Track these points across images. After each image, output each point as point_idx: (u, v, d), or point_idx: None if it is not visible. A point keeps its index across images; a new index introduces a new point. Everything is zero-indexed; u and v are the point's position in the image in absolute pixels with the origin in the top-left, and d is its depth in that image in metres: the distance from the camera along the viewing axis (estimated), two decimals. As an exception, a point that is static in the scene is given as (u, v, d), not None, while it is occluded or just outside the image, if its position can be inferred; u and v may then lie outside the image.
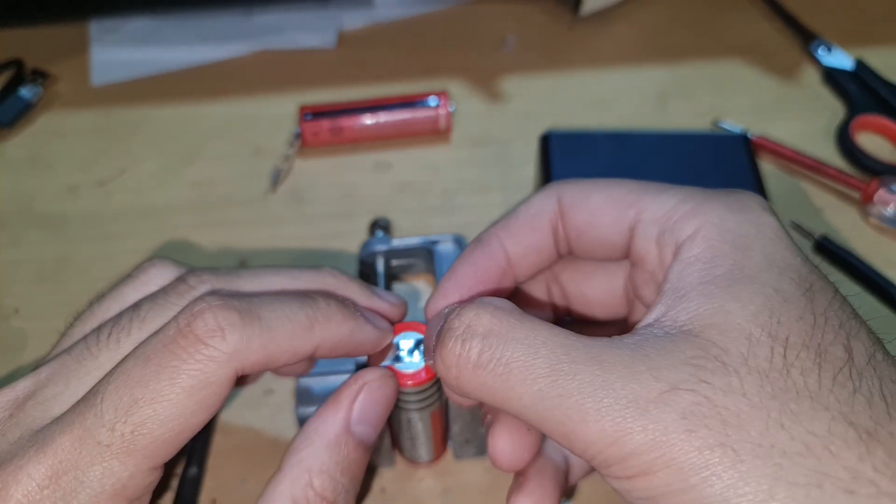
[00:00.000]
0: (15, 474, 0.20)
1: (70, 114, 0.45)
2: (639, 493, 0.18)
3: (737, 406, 0.18)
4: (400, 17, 0.50)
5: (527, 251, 0.25)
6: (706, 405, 0.18)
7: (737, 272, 0.20)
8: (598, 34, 0.49)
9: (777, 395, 0.18)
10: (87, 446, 0.21)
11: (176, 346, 0.21)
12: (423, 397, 0.26)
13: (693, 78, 0.46)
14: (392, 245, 0.35)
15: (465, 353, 0.20)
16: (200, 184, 0.41)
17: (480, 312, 0.20)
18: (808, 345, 0.18)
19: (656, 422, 0.18)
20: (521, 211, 0.25)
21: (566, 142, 0.38)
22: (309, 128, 0.41)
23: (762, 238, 0.21)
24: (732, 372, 0.18)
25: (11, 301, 0.37)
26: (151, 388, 0.21)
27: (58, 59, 0.47)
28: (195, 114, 0.44)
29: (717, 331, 0.19)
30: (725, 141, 0.38)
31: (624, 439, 0.18)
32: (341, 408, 0.24)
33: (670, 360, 0.18)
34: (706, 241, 0.21)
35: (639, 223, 0.23)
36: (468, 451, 0.31)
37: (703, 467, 0.17)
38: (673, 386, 0.18)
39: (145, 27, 0.49)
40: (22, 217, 0.40)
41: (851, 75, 0.45)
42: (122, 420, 0.21)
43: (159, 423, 0.21)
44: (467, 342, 0.20)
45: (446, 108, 0.42)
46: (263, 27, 0.49)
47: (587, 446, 0.19)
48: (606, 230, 0.24)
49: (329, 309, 0.23)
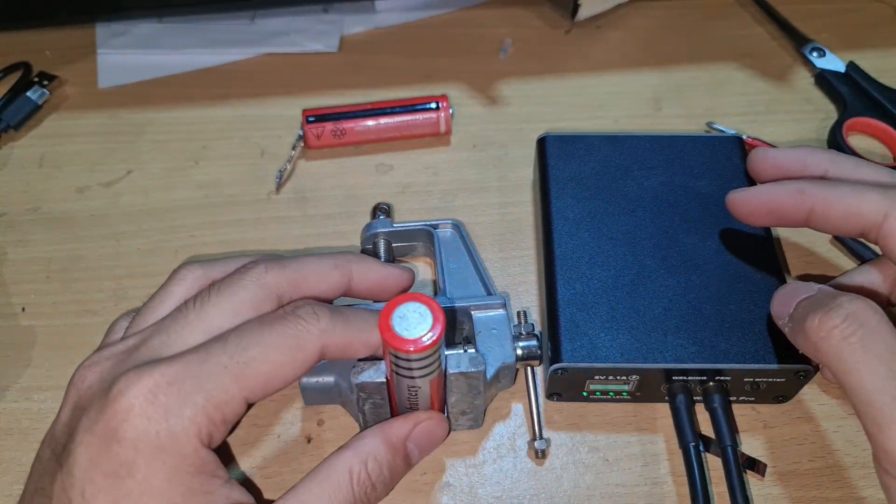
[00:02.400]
0: (149, 370, 0.25)
1: (77, 116, 0.45)
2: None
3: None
4: (400, 23, 0.50)
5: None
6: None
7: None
8: (593, 39, 0.50)
9: None
10: (209, 364, 0.26)
11: (284, 319, 0.27)
12: (425, 364, 0.26)
13: (687, 81, 0.47)
14: (393, 227, 0.36)
15: (843, 327, 0.25)
16: (206, 185, 0.42)
17: (866, 308, 0.26)
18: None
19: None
20: (855, 277, 0.32)
21: (563, 144, 0.38)
22: (312, 130, 0.42)
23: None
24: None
25: (20, 300, 0.37)
26: (266, 338, 0.27)
27: (65, 62, 0.48)
28: (201, 116, 0.45)
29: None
30: (719, 142, 0.39)
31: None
32: (409, 424, 0.29)
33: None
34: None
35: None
36: (463, 423, 0.32)
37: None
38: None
39: (151, 31, 0.49)
40: (30, 217, 0.41)
41: (843, 78, 0.46)
42: (241, 353, 0.26)
43: (264, 361, 0.26)
44: (847, 322, 0.26)
45: (446, 112, 0.43)
46: (267, 32, 0.49)
47: (891, 442, 0.24)
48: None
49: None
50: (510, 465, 0.32)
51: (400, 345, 0.25)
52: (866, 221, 0.29)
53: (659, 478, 0.31)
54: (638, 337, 0.31)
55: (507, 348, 0.32)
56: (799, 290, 0.29)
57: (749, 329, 0.31)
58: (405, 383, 0.28)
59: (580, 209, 0.36)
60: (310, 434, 0.33)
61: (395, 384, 0.28)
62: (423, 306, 0.26)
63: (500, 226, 0.40)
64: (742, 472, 0.30)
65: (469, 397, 0.30)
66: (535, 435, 0.32)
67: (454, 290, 0.34)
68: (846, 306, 0.26)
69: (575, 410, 0.33)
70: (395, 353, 0.26)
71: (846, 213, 0.29)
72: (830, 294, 0.27)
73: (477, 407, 0.31)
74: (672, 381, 0.31)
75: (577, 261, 0.34)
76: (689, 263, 0.33)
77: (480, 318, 0.32)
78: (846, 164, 0.32)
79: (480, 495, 0.31)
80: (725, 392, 0.31)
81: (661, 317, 0.32)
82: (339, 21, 0.50)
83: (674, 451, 0.32)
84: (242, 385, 0.26)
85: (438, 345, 0.26)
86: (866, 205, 0.29)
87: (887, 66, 0.46)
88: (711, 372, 0.31)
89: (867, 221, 0.29)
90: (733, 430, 0.31)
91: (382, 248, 0.37)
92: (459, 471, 0.32)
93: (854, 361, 0.25)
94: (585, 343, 0.31)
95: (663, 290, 0.33)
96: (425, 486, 0.31)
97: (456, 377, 0.29)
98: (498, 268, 0.38)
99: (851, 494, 0.31)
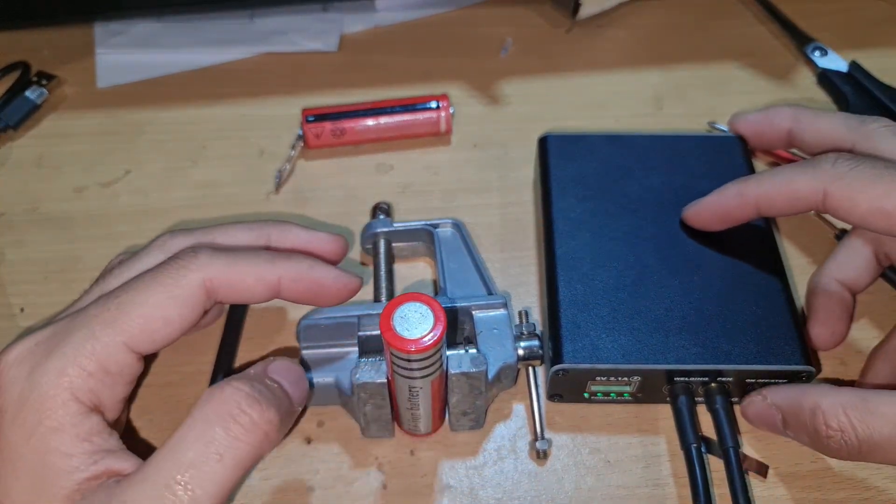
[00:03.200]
0: (24, 338, 0.26)
1: (76, 115, 0.45)
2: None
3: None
4: (400, 22, 0.50)
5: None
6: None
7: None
8: (594, 38, 0.49)
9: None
10: (80, 317, 0.26)
11: (162, 264, 0.27)
12: (426, 364, 0.26)
13: (689, 81, 0.47)
14: (393, 227, 0.36)
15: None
16: (205, 185, 0.42)
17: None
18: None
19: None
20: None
21: (563, 144, 0.38)
22: (311, 130, 0.42)
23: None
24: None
25: (18, 300, 0.37)
26: (138, 284, 0.27)
27: (63, 61, 0.48)
28: (199, 116, 0.45)
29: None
30: (721, 142, 0.38)
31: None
32: (259, 365, 0.28)
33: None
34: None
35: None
36: (465, 424, 0.32)
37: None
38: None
39: (150, 30, 0.49)
40: (28, 217, 0.41)
41: (846, 77, 0.45)
42: (112, 302, 0.26)
43: (138, 304, 0.26)
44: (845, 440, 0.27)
45: (446, 111, 0.42)
46: (266, 31, 0.49)
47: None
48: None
49: (289, 252, 0.30)
50: (511, 466, 0.32)
51: (401, 345, 0.25)
52: (809, 202, 0.30)
53: (660, 479, 0.31)
54: (639, 338, 0.31)
55: (508, 348, 0.31)
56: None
57: (751, 330, 0.31)
58: (406, 383, 0.28)
59: (581, 209, 0.35)
60: (309, 435, 0.32)
61: (396, 384, 0.28)
62: (424, 306, 0.26)
63: (501, 226, 0.40)
64: (744, 474, 0.30)
65: (470, 398, 0.30)
66: (537, 436, 0.32)
67: (455, 289, 0.34)
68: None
69: (576, 411, 0.33)
70: (395, 353, 0.26)
71: (788, 199, 0.31)
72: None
73: (478, 407, 0.31)
74: (674, 382, 0.31)
75: (579, 261, 0.33)
76: (691, 264, 0.33)
77: (481, 318, 0.32)
78: (805, 119, 0.35)
79: (481, 497, 0.31)
80: (727, 393, 0.31)
81: (663, 317, 0.31)
82: (339, 20, 0.50)
83: (675, 453, 0.31)
84: (117, 329, 0.25)
85: (439, 345, 0.26)
86: (801, 189, 0.30)
87: (890, 65, 0.46)
88: (713, 373, 0.31)
89: (810, 202, 0.30)
90: (735, 432, 0.31)
91: (382, 247, 0.36)
92: (460, 472, 0.31)
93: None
94: (587, 344, 0.31)
95: (665, 291, 0.32)
96: (425, 489, 0.31)
97: (457, 377, 0.29)
98: (498, 268, 0.38)
99: (853, 496, 0.30)
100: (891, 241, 0.33)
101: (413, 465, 0.31)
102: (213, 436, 0.23)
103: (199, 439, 0.23)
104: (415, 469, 0.31)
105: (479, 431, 0.32)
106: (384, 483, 0.31)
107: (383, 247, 0.36)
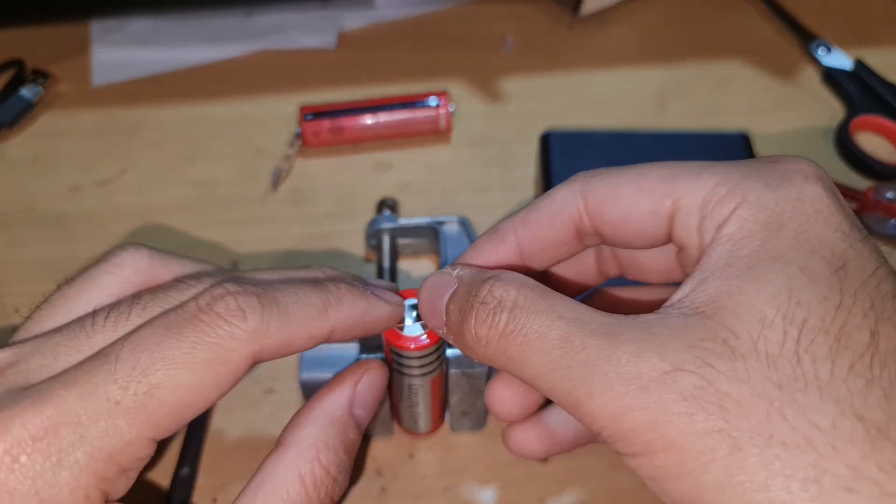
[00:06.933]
0: (5, 423, 0.19)
1: (71, 114, 0.45)
2: (644, 473, 0.18)
3: (739, 392, 0.17)
4: (400, 18, 0.50)
5: (543, 247, 0.24)
6: (708, 389, 0.17)
7: (762, 253, 0.19)
8: (597, 34, 0.49)
9: (783, 383, 0.17)
10: (94, 401, 0.19)
11: (197, 321, 0.20)
12: (425, 362, 0.26)
13: (692, 78, 0.46)
14: (398, 223, 0.36)
15: (496, 324, 0.20)
16: (201, 183, 0.41)
17: (508, 288, 0.21)
18: (827, 328, 0.17)
19: (657, 402, 0.17)
20: (542, 206, 0.24)
21: (566, 141, 0.38)
22: (309, 128, 0.42)
23: (799, 214, 0.19)
24: (739, 357, 0.17)
25: (12, 300, 0.37)
26: (172, 353, 0.20)
27: (59, 59, 0.47)
28: (196, 114, 0.45)
29: (730, 313, 0.18)
30: (724, 140, 0.38)
31: (626, 416, 0.18)
32: (346, 389, 0.25)
33: (679, 341, 0.18)
34: (739, 221, 0.20)
35: (678, 212, 0.21)
36: (465, 424, 0.32)
37: (701, 452, 0.17)
38: (676, 367, 0.18)
39: (146, 27, 0.49)
40: (23, 217, 0.40)
41: (851, 75, 0.45)
42: (138, 380, 0.20)
43: (173, 388, 0.20)
44: (497, 314, 0.20)
45: (446, 109, 0.42)
46: (264, 27, 0.49)
47: (593, 420, 0.19)
48: (643, 223, 0.22)
49: (340, 291, 0.23)
50: (512, 467, 0.31)
51: (401, 342, 0.25)
52: (571, 214, 0.23)
53: (664, 483, 0.31)
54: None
55: None
56: (439, 289, 0.23)
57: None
58: (405, 382, 0.27)
59: (583, 208, 0.35)
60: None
61: (396, 383, 0.28)
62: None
63: (502, 225, 0.39)
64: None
65: (471, 397, 0.30)
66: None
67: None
68: (492, 297, 0.21)
69: (578, 414, 0.33)
70: (395, 350, 0.25)
71: (549, 216, 0.24)
72: (472, 284, 0.21)
73: (479, 407, 0.31)
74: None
75: (581, 261, 0.33)
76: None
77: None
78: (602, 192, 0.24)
79: (481, 499, 0.30)
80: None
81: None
82: (338, 16, 0.49)
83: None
84: (144, 423, 0.20)
85: (439, 343, 0.26)
86: (558, 196, 0.23)
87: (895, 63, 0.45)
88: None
89: (572, 213, 0.23)
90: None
91: (387, 244, 0.36)
92: (460, 473, 0.31)
93: (521, 354, 0.20)
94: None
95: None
96: (425, 491, 0.31)
97: (458, 377, 0.29)
98: (499, 268, 0.37)
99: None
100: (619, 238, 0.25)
101: (413, 468, 0.31)
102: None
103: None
104: (414, 472, 0.31)
105: (479, 432, 0.32)
106: (383, 486, 0.31)
107: (388, 243, 0.36)
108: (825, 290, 0.18)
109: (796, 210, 0.20)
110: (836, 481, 0.16)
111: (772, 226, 0.19)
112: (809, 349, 0.17)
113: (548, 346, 0.19)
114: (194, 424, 0.32)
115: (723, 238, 0.20)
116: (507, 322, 0.20)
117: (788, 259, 0.19)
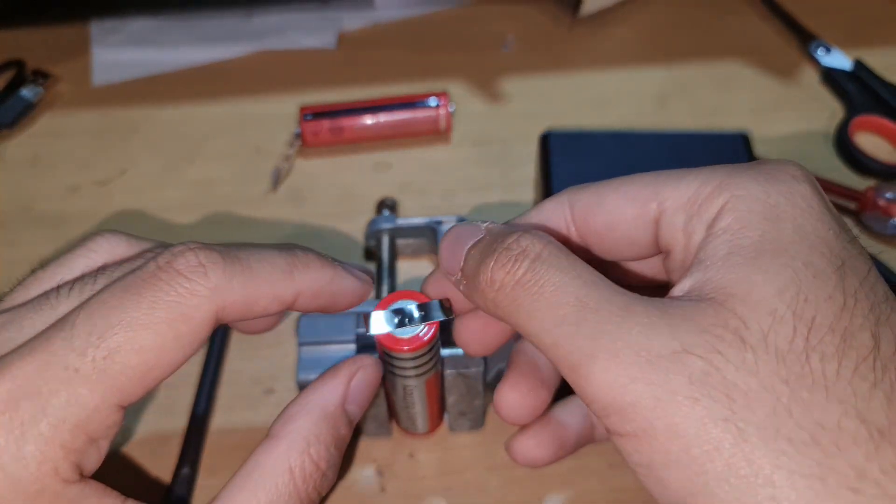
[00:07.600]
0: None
1: (71, 114, 0.45)
2: (638, 458, 0.18)
3: (746, 384, 0.17)
4: (400, 18, 0.50)
5: None
6: (715, 376, 0.17)
7: (765, 243, 0.19)
8: (597, 35, 0.49)
9: (791, 379, 0.17)
10: (52, 371, 0.19)
11: (157, 279, 0.20)
12: (420, 363, 0.26)
13: (692, 78, 0.46)
14: (397, 223, 0.36)
15: (514, 270, 0.20)
16: (201, 183, 0.41)
17: (535, 241, 0.21)
18: (834, 328, 0.17)
19: (664, 379, 0.17)
20: (531, 217, 0.24)
21: (566, 141, 0.38)
22: (309, 128, 0.42)
23: (793, 207, 0.19)
24: (749, 348, 0.17)
25: (12, 300, 0.37)
26: (130, 314, 0.20)
27: (59, 59, 0.47)
28: (196, 114, 0.45)
29: (740, 302, 0.18)
30: (724, 140, 0.38)
31: (627, 387, 0.17)
32: (340, 384, 0.24)
33: (690, 324, 0.18)
34: (733, 212, 0.20)
35: (663, 214, 0.21)
36: (463, 424, 0.31)
37: (706, 441, 0.17)
38: (686, 349, 0.17)
39: (146, 28, 0.49)
40: (22, 217, 0.40)
41: (850, 76, 0.45)
42: (96, 345, 0.19)
43: (135, 351, 0.19)
44: (519, 262, 0.20)
45: (446, 109, 0.42)
46: (264, 28, 0.49)
47: (590, 384, 0.18)
48: (629, 230, 0.22)
49: (307, 257, 0.23)
50: (512, 468, 0.31)
51: (394, 344, 0.25)
52: (559, 221, 0.24)
53: (664, 483, 0.30)
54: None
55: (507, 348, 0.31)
56: (464, 236, 0.22)
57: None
58: (400, 383, 0.27)
59: (583, 208, 0.35)
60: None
61: (390, 384, 0.28)
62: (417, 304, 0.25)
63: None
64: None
65: (468, 398, 0.30)
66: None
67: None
68: (517, 245, 0.20)
69: (578, 414, 0.32)
70: (388, 352, 0.25)
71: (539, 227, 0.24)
72: (500, 234, 0.21)
73: (477, 408, 0.31)
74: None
75: (581, 260, 0.33)
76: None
77: (481, 319, 0.32)
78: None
79: (481, 499, 0.30)
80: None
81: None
82: (338, 17, 0.49)
83: (680, 456, 0.31)
84: (108, 389, 0.19)
85: (433, 343, 0.25)
86: (546, 207, 0.24)
87: (895, 63, 0.45)
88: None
89: (560, 220, 0.24)
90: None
91: (386, 244, 0.36)
92: (459, 474, 0.31)
93: (532, 304, 0.20)
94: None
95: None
96: (424, 491, 0.31)
97: (454, 378, 0.29)
98: (499, 268, 0.37)
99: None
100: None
101: (412, 468, 0.31)
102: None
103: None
104: (414, 471, 0.31)
105: (478, 432, 0.32)
106: (382, 486, 0.31)
107: (387, 243, 0.36)
108: (830, 288, 0.18)
109: (790, 203, 0.19)
110: (842, 481, 0.16)
111: (769, 217, 0.19)
112: (817, 347, 0.17)
113: (562, 300, 0.19)
114: (194, 424, 0.32)
115: (719, 231, 0.20)
116: (526, 270, 0.20)
117: (793, 253, 0.18)
